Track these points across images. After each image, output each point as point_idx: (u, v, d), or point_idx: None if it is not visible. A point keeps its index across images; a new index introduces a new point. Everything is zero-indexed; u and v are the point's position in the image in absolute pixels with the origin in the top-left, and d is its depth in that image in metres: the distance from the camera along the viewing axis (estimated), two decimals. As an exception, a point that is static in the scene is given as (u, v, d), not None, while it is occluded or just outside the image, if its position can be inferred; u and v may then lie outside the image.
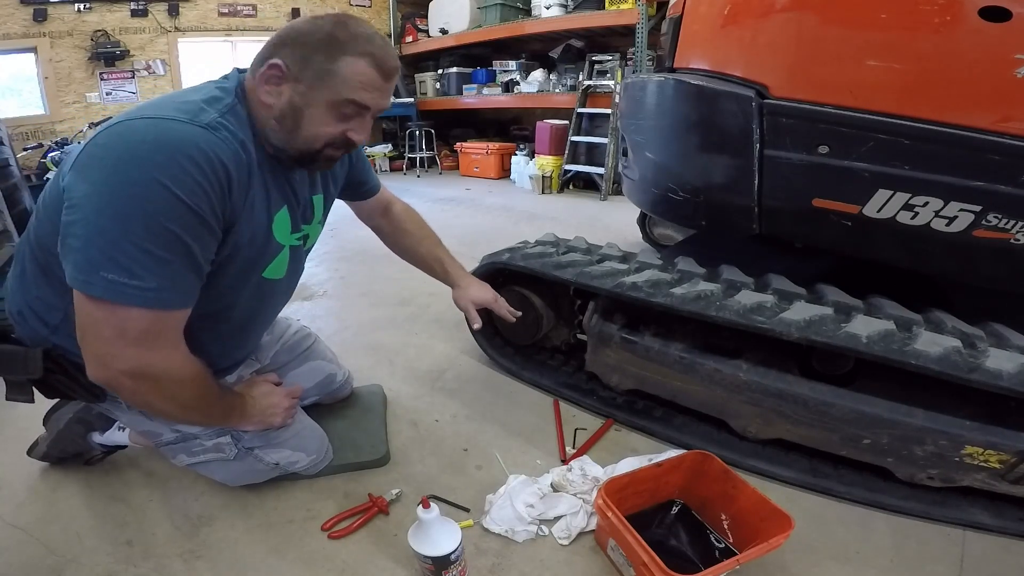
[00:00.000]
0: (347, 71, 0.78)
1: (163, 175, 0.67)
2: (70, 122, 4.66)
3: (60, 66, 4.62)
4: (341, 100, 0.79)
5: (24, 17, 4.36)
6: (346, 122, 0.83)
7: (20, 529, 1.02)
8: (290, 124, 0.80)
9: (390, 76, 0.82)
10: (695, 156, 1.30)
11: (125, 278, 0.67)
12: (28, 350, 0.85)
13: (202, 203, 0.71)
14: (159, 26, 5.02)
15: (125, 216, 0.66)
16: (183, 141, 0.69)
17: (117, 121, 0.71)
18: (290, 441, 1.07)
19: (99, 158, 0.68)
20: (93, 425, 1.15)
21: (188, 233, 0.71)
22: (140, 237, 0.67)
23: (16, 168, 3.11)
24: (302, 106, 0.79)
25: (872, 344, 0.96)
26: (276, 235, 0.89)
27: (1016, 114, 0.95)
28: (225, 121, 0.75)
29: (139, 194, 0.66)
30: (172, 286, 0.72)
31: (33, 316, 0.84)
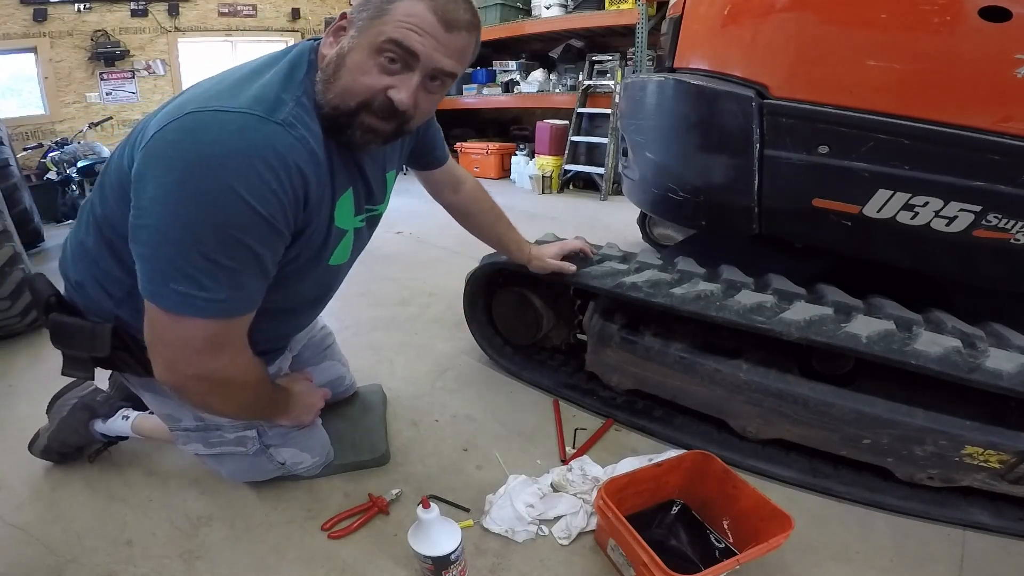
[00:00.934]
0: (401, 10, 0.68)
1: (239, 184, 0.63)
2: (70, 122, 4.65)
3: (60, 66, 4.61)
4: (384, 39, 0.69)
5: (24, 17, 4.36)
6: (389, 75, 0.71)
7: (20, 529, 1.02)
8: (331, 71, 0.72)
9: (452, 27, 0.70)
10: (695, 156, 1.30)
11: (194, 290, 0.66)
12: (96, 326, 0.83)
13: (276, 212, 0.67)
14: (159, 26, 5.01)
15: (196, 227, 0.63)
16: (260, 145, 0.64)
17: (190, 110, 0.64)
18: (299, 441, 1.07)
19: (170, 158, 0.64)
20: (97, 412, 1.16)
21: (260, 243, 0.68)
22: (211, 249, 0.64)
23: (16, 168, 3.10)
24: (348, 51, 0.71)
25: (872, 344, 0.96)
26: (338, 222, 0.83)
27: (1016, 114, 0.95)
28: (300, 112, 0.70)
29: (212, 204, 0.63)
30: (240, 295, 0.70)
31: (97, 287, 0.83)
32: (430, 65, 0.71)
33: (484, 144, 5.50)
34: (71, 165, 3.18)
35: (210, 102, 0.65)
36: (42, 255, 3.01)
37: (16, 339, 1.82)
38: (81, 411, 1.14)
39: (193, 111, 0.64)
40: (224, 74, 0.74)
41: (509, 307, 1.53)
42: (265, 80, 0.70)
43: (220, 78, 0.73)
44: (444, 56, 0.71)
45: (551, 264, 1.30)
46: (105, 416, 1.16)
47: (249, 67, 0.74)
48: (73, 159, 3.24)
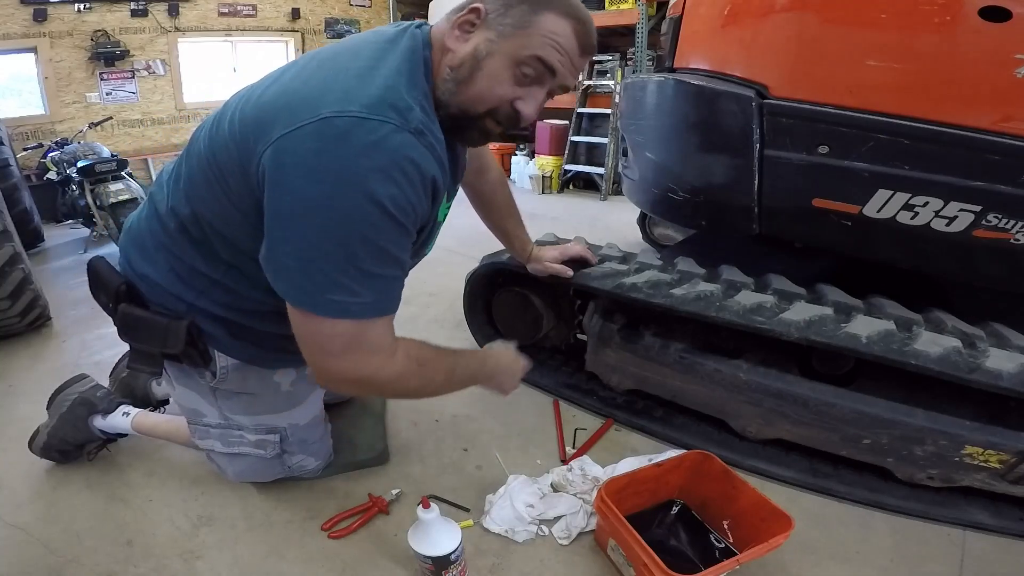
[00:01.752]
0: (547, 26, 0.69)
1: (384, 197, 0.63)
2: (70, 122, 4.65)
3: (60, 66, 4.61)
4: (528, 55, 0.69)
5: (24, 17, 4.36)
6: (520, 86, 0.72)
7: (20, 529, 1.02)
8: (464, 73, 0.71)
9: (586, 51, 0.73)
10: (695, 156, 1.30)
11: (349, 297, 0.67)
12: (171, 322, 0.83)
13: (411, 220, 0.69)
14: (159, 26, 5.01)
15: (349, 241, 0.65)
16: (401, 158, 0.64)
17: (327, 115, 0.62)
18: (312, 448, 1.08)
19: (313, 169, 0.62)
20: (97, 407, 1.16)
21: (400, 248, 0.70)
22: (363, 261, 0.66)
23: (16, 168, 3.10)
24: (485, 55, 0.70)
25: (872, 344, 0.96)
26: (439, 215, 0.84)
27: (1016, 114, 0.95)
28: (426, 117, 0.69)
29: (363, 218, 0.64)
30: (386, 297, 0.72)
31: (174, 279, 0.83)
32: (560, 83, 0.73)
33: (484, 144, 5.49)
34: (71, 165, 3.17)
35: (343, 105, 0.63)
36: (42, 255, 3.01)
37: (16, 339, 1.82)
38: (80, 406, 1.14)
39: (328, 116, 0.63)
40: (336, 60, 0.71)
41: (509, 307, 1.53)
42: (387, 75, 0.68)
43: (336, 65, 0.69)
44: (573, 76, 0.74)
45: (548, 267, 1.30)
46: (105, 412, 1.17)
47: (363, 53, 0.71)
48: (73, 159, 3.23)
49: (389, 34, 0.74)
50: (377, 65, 0.69)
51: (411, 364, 0.78)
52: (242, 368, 0.93)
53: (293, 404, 1.02)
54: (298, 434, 1.04)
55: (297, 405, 1.02)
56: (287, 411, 1.01)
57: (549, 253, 1.31)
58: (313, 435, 1.08)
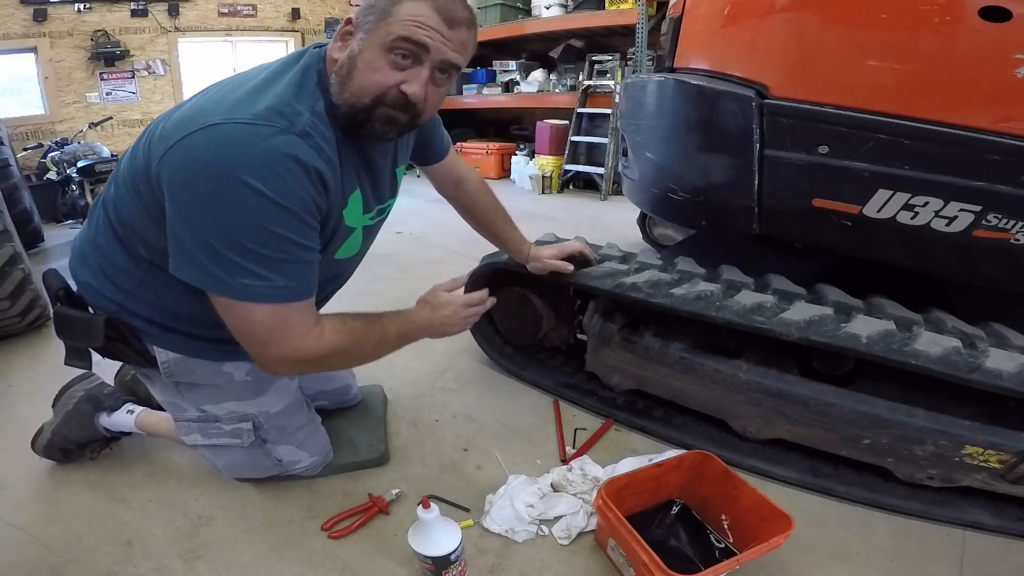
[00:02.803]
0: (405, 11, 0.74)
1: (268, 188, 0.70)
2: (70, 122, 4.66)
3: (60, 66, 4.62)
4: (394, 38, 0.74)
5: (24, 17, 4.36)
6: (400, 71, 0.76)
7: (20, 529, 1.02)
8: (345, 72, 0.77)
9: (454, 23, 0.76)
10: (695, 156, 1.30)
11: (257, 280, 0.73)
12: (92, 317, 0.89)
13: (303, 208, 0.74)
14: (159, 26, 5.02)
15: (244, 231, 0.71)
16: (283, 154, 0.71)
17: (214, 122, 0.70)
18: (299, 439, 1.07)
19: (200, 170, 0.69)
20: (103, 404, 1.17)
21: (297, 233, 0.75)
22: (261, 246, 0.72)
23: (16, 168, 3.10)
24: (358, 52, 0.76)
25: (872, 344, 0.96)
26: (347, 219, 0.88)
27: (1016, 114, 0.95)
28: (315, 120, 0.76)
29: (251, 209, 0.70)
30: (297, 281, 0.77)
31: (105, 281, 0.88)
32: (438, 57, 0.77)
33: (484, 144, 5.50)
34: (71, 165, 3.18)
35: (232, 113, 0.71)
36: (42, 255, 3.01)
37: (16, 339, 1.82)
38: (87, 403, 1.15)
39: (217, 123, 0.70)
40: (238, 80, 0.79)
41: (509, 307, 1.53)
42: (279, 89, 0.76)
43: (235, 84, 0.77)
44: (450, 49, 0.77)
45: (549, 264, 1.30)
46: (111, 409, 1.18)
47: (262, 75, 0.78)
48: (73, 159, 3.24)
49: (290, 57, 0.83)
50: (272, 81, 0.77)
51: (341, 337, 0.85)
52: (185, 361, 0.95)
53: (258, 392, 1.02)
54: (273, 421, 1.03)
55: (263, 393, 1.02)
56: (253, 399, 1.01)
57: (548, 251, 1.32)
58: (291, 423, 1.06)
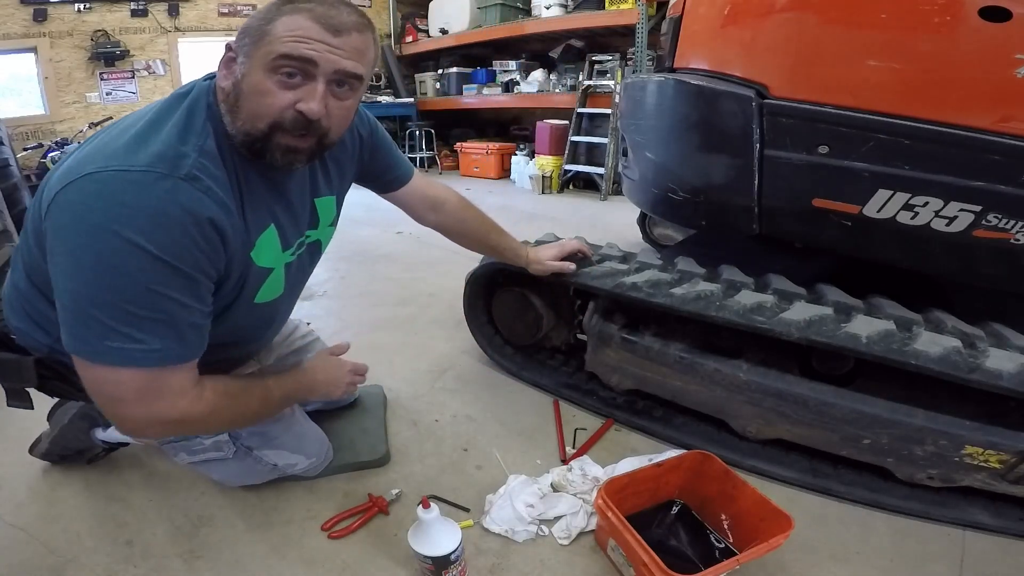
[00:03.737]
0: (281, 28, 0.69)
1: (148, 242, 0.64)
2: (70, 122, 4.66)
3: (60, 66, 4.62)
4: (275, 56, 0.69)
5: (24, 17, 4.36)
6: (291, 89, 0.71)
7: (20, 529, 1.02)
8: (233, 100, 0.72)
9: (338, 31, 0.70)
10: (695, 156, 1.30)
11: (129, 344, 0.67)
12: (21, 359, 0.85)
13: (190, 263, 0.68)
14: (159, 26, 5.02)
15: (117, 288, 0.65)
16: (165, 201, 0.64)
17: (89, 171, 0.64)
18: (289, 443, 1.06)
19: (76, 223, 0.64)
20: (97, 420, 1.15)
21: (182, 293, 0.69)
22: (137, 306, 0.66)
23: (16, 168, 3.11)
24: (242, 76, 0.71)
25: (872, 344, 0.96)
26: (257, 261, 0.82)
27: (1016, 114, 0.95)
28: (204, 161, 0.70)
29: (125, 264, 0.64)
30: (176, 343, 0.71)
31: (34, 326, 0.84)
32: (329, 68, 0.71)
33: (484, 144, 5.51)
34: (71, 165, 3.18)
35: (110, 161, 0.65)
36: (42, 255, 3.00)
37: (16, 339, 1.82)
38: (81, 419, 1.13)
39: (93, 172, 0.64)
40: (122, 124, 0.73)
41: (509, 307, 1.53)
42: (164, 132, 0.69)
43: (119, 131, 0.71)
44: (342, 58, 0.71)
45: (551, 265, 1.30)
46: (105, 424, 1.15)
47: (145, 117, 0.72)
48: (73, 159, 3.24)
49: (176, 94, 0.76)
50: (156, 123, 0.70)
51: (221, 399, 0.80)
52: None
53: None
54: (251, 430, 1.00)
55: None
56: None
57: (547, 252, 1.31)
58: (273, 430, 1.03)
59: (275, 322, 1.04)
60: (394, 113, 6.07)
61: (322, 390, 1.02)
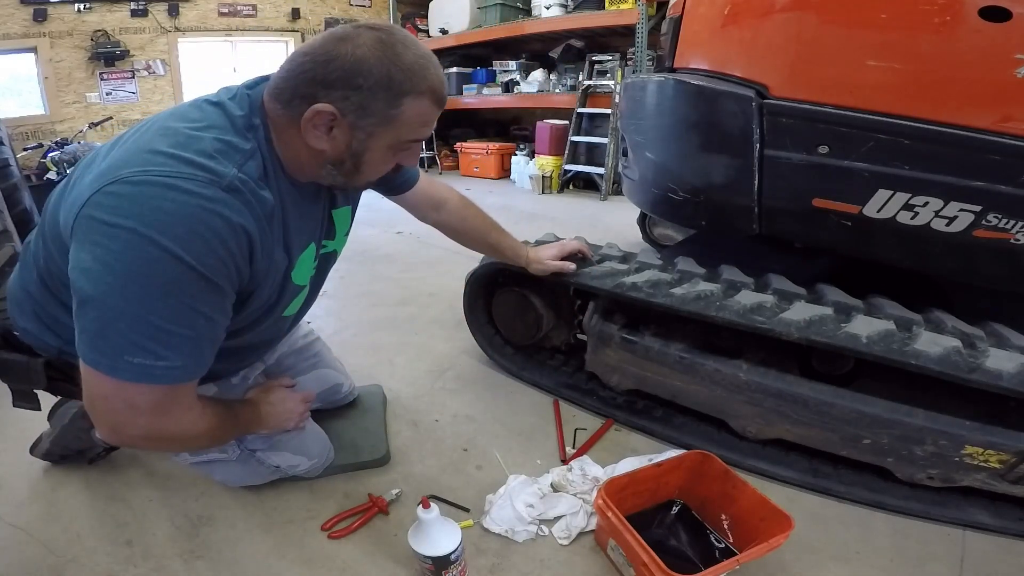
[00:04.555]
0: (410, 113, 0.72)
1: (185, 251, 0.62)
2: (70, 122, 4.66)
3: (60, 66, 4.62)
4: (407, 140, 0.76)
5: (24, 17, 4.36)
6: (401, 153, 0.80)
7: (20, 529, 1.02)
8: (350, 167, 0.77)
9: (444, 102, 0.78)
10: (695, 156, 1.30)
11: (151, 360, 0.65)
12: (31, 360, 0.85)
13: (223, 277, 0.67)
14: (159, 26, 5.02)
15: (147, 299, 0.62)
16: (205, 211, 0.63)
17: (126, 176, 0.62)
18: (292, 445, 1.07)
19: (109, 228, 0.61)
20: None
21: (210, 307, 0.68)
22: (165, 319, 0.64)
23: (16, 168, 3.10)
24: (364, 151, 0.75)
25: (872, 344, 0.96)
26: (296, 279, 0.85)
27: (1016, 114, 0.95)
28: (246, 175, 0.68)
29: (159, 274, 0.61)
30: (195, 360, 0.70)
31: (44, 329, 0.83)
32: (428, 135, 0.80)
33: (484, 144, 5.50)
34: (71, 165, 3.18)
35: (149, 166, 0.63)
36: (42, 255, 3.00)
37: (16, 339, 1.82)
38: (82, 419, 1.13)
39: (130, 176, 0.62)
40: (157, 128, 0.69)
41: (509, 307, 1.53)
42: (207, 142, 0.67)
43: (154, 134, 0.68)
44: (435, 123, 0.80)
45: (551, 265, 1.30)
46: None
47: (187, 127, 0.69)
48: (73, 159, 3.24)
49: (216, 99, 0.74)
50: (197, 132, 0.68)
51: (210, 421, 0.79)
52: None
53: None
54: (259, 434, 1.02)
55: None
56: None
57: (548, 252, 1.31)
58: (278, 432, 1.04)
59: (288, 329, 1.06)
60: (394, 113, 6.06)
61: (275, 421, 0.99)
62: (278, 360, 1.20)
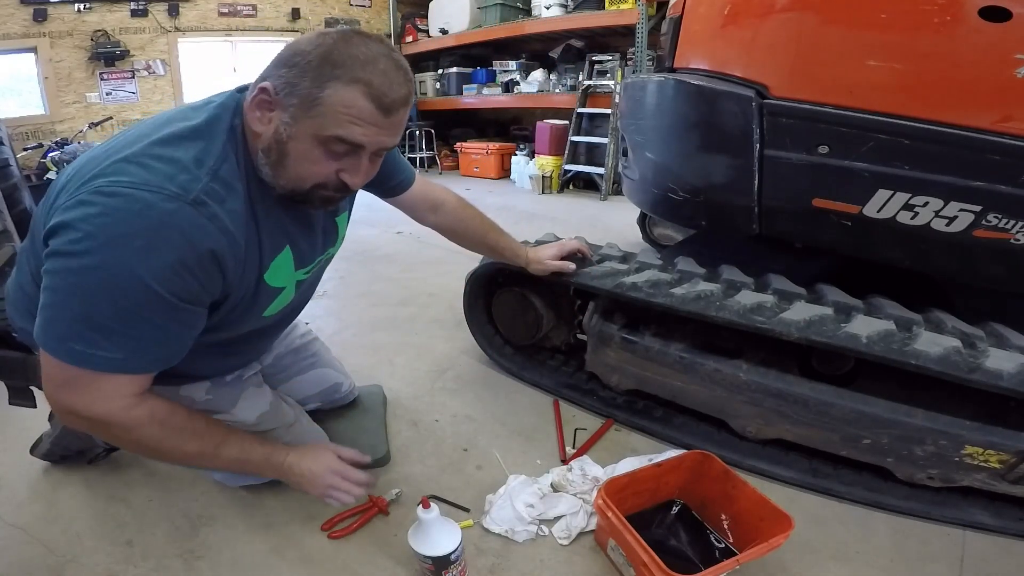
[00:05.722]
0: (334, 101, 0.66)
1: (139, 266, 0.63)
2: (70, 122, 4.66)
3: (60, 66, 4.62)
4: (328, 136, 0.69)
5: (24, 17, 4.36)
6: (338, 160, 0.72)
7: (20, 529, 1.02)
8: (275, 157, 0.71)
9: (391, 110, 0.70)
10: (695, 156, 1.30)
11: (90, 348, 0.66)
12: (28, 356, 0.86)
13: (181, 291, 0.67)
14: (159, 26, 5.02)
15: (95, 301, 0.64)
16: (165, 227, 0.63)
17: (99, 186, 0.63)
18: (289, 443, 1.06)
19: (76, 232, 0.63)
20: None
21: (162, 317, 0.68)
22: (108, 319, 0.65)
23: (16, 168, 3.10)
24: (287, 139, 0.70)
25: (872, 344, 0.96)
26: (271, 282, 0.82)
27: (1016, 114, 0.95)
28: (215, 186, 0.68)
29: (111, 283, 0.63)
30: (139, 357, 0.70)
31: None
32: (374, 148, 0.73)
33: (484, 144, 5.51)
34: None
35: (120, 176, 0.64)
36: (42, 255, 3.00)
37: (16, 339, 1.82)
38: None
39: (103, 187, 0.63)
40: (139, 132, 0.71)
41: (509, 307, 1.53)
42: (181, 150, 0.68)
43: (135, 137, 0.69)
44: (387, 137, 0.73)
45: (551, 265, 1.30)
46: None
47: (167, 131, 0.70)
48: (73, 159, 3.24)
49: (201, 104, 0.74)
50: (175, 136, 0.69)
51: (152, 423, 0.75)
52: None
53: (225, 408, 0.97)
54: (252, 430, 0.99)
55: (230, 409, 0.98)
56: (221, 413, 0.97)
57: (547, 251, 1.31)
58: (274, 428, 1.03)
59: (279, 328, 1.04)
60: (394, 113, 6.07)
61: (293, 478, 0.91)
62: (275, 360, 1.20)
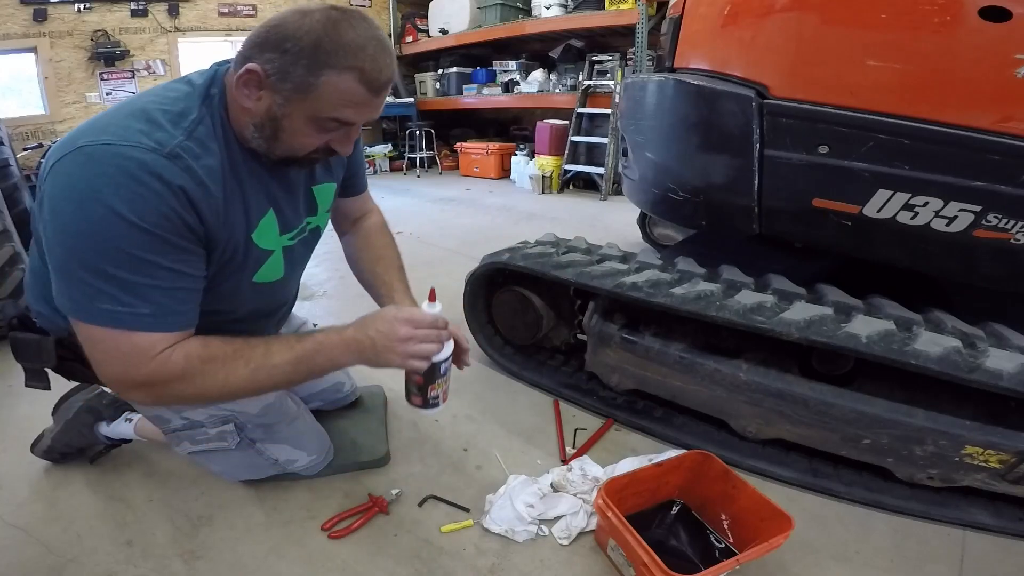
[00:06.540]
0: (330, 87, 0.71)
1: (121, 206, 0.66)
2: (70, 122, 4.65)
3: (60, 66, 4.62)
4: (324, 118, 0.75)
5: (24, 17, 4.36)
6: (328, 133, 0.78)
7: (20, 529, 1.02)
8: (269, 133, 0.76)
9: (380, 90, 0.75)
10: (695, 156, 1.30)
11: (117, 306, 0.69)
12: (42, 339, 0.87)
13: (167, 226, 0.70)
14: (159, 26, 5.02)
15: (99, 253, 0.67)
16: (137, 169, 0.67)
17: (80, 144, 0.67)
18: (291, 438, 1.07)
19: (62, 191, 0.68)
20: (102, 414, 1.16)
21: (164, 257, 0.71)
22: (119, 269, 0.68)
23: (16, 168, 3.09)
24: (281, 117, 0.74)
25: (872, 344, 0.96)
26: (259, 243, 0.86)
27: (1016, 114, 0.95)
28: (190, 144, 0.72)
29: (104, 230, 0.66)
30: (165, 309, 0.72)
31: (53, 311, 0.85)
32: (363, 122, 0.79)
33: (484, 144, 5.50)
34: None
35: (100, 135, 0.68)
36: (42, 255, 3.00)
37: (16, 339, 1.82)
38: (86, 414, 1.14)
39: (83, 145, 0.67)
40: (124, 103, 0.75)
41: (509, 307, 1.53)
42: (159, 112, 0.72)
43: (118, 106, 0.74)
44: (374, 112, 0.79)
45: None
46: (110, 419, 1.17)
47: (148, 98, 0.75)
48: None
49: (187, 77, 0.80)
50: (154, 103, 0.73)
51: (192, 363, 0.76)
52: None
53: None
54: (255, 421, 1.00)
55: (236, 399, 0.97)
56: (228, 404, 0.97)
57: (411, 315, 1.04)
58: (276, 423, 1.03)
59: (277, 305, 1.04)
60: (394, 113, 6.07)
61: (367, 351, 0.84)
62: None
